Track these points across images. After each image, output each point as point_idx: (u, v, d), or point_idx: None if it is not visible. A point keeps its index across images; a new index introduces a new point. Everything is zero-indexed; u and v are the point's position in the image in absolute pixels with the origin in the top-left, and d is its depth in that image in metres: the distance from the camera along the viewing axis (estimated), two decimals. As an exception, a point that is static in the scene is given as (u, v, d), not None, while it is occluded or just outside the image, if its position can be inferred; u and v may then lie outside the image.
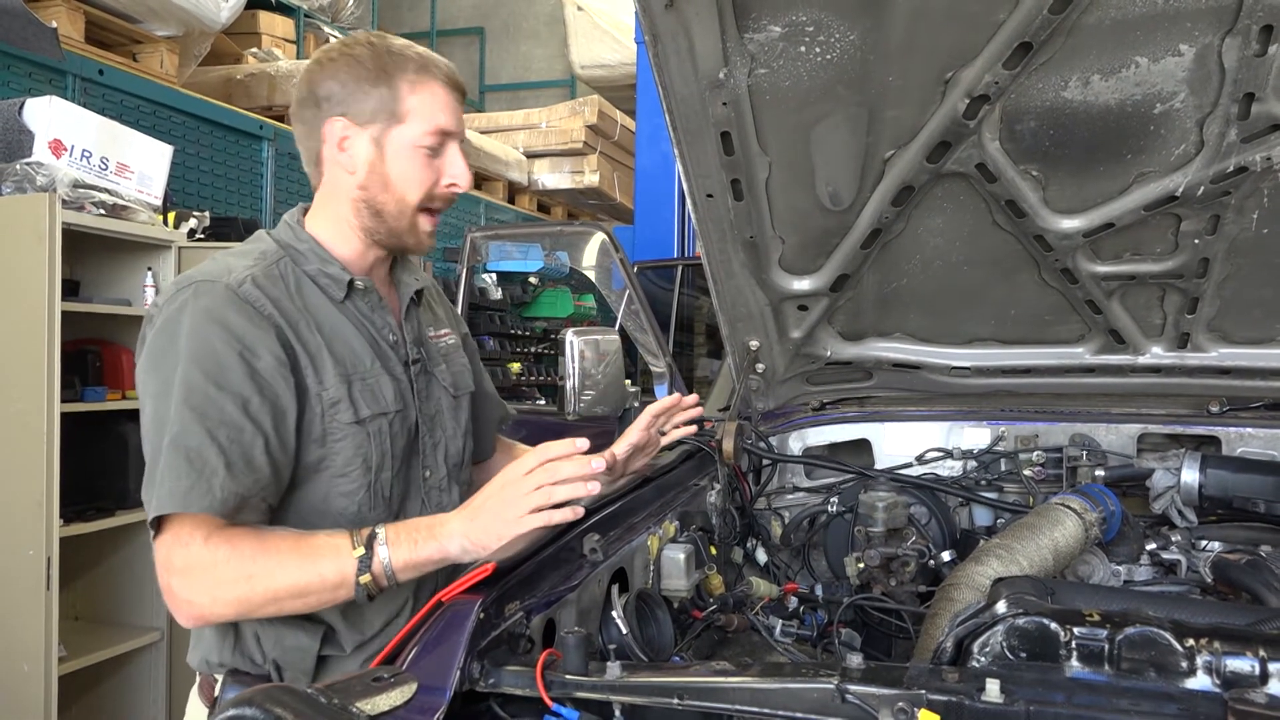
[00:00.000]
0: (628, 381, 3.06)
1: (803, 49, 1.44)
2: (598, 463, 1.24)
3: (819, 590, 1.97)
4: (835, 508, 2.16)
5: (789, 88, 1.50)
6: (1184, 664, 0.99)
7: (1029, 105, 1.50)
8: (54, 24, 3.55)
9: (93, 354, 3.23)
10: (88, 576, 3.43)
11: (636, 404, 3.32)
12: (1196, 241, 1.74)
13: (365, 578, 1.23)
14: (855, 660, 1.00)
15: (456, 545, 1.26)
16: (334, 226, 1.48)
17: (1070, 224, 1.73)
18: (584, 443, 1.25)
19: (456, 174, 1.47)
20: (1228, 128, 1.49)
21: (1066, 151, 1.59)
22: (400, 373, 1.49)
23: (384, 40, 1.46)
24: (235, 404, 1.27)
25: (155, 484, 1.25)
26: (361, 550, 1.24)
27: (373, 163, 1.44)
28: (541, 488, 1.22)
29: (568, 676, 1.04)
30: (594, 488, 1.24)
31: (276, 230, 1.51)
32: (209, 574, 1.23)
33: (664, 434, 1.72)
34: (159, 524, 1.25)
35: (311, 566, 1.24)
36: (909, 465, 2.28)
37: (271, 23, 5.90)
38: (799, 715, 0.98)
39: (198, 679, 1.48)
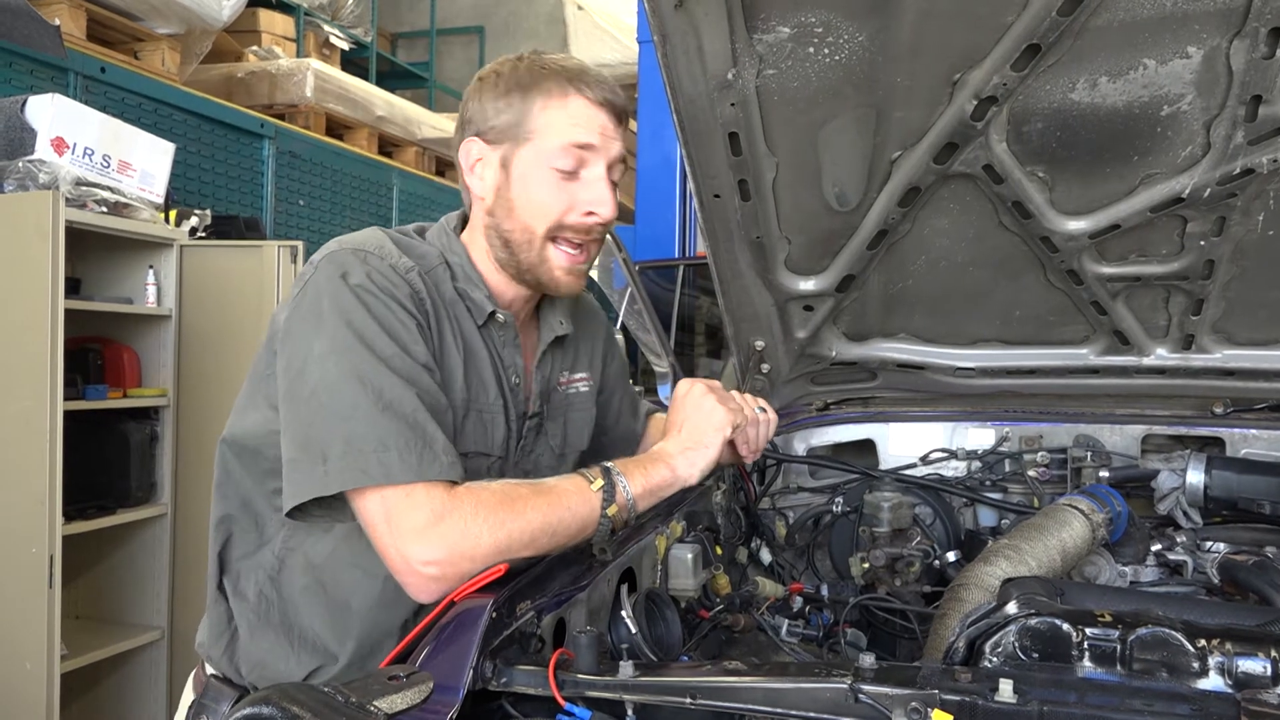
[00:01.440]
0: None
1: (811, 50, 1.43)
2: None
3: (824, 590, 1.97)
4: (840, 508, 2.16)
5: (797, 88, 1.50)
6: (1196, 664, 0.99)
7: (1037, 107, 1.50)
8: (56, 22, 3.55)
9: (94, 352, 3.24)
10: (89, 575, 3.43)
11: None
12: (1202, 243, 1.74)
13: (612, 509, 1.24)
14: (868, 660, 1.00)
15: (681, 464, 1.32)
16: (480, 252, 1.41)
17: (1076, 225, 1.73)
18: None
19: (593, 199, 1.33)
20: (1235, 130, 1.49)
21: (1073, 153, 1.59)
22: (513, 419, 1.42)
23: (536, 57, 1.36)
24: (429, 375, 1.24)
25: (374, 449, 1.15)
26: (601, 482, 1.25)
27: (499, 186, 1.36)
28: (726, 403, 1.43)
29: (580, 676, 1.03)
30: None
31: (433, 234, 1.43)
32: (456, 528, 1.14)
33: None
34: (359, 488, 1.16)
35: (559, 503, 1.22)
36: (913, 466, 2.28)
37: (271, 20, 5.89)
38: (812, 715, 0.98)
39: (197, 667, 1.47)
